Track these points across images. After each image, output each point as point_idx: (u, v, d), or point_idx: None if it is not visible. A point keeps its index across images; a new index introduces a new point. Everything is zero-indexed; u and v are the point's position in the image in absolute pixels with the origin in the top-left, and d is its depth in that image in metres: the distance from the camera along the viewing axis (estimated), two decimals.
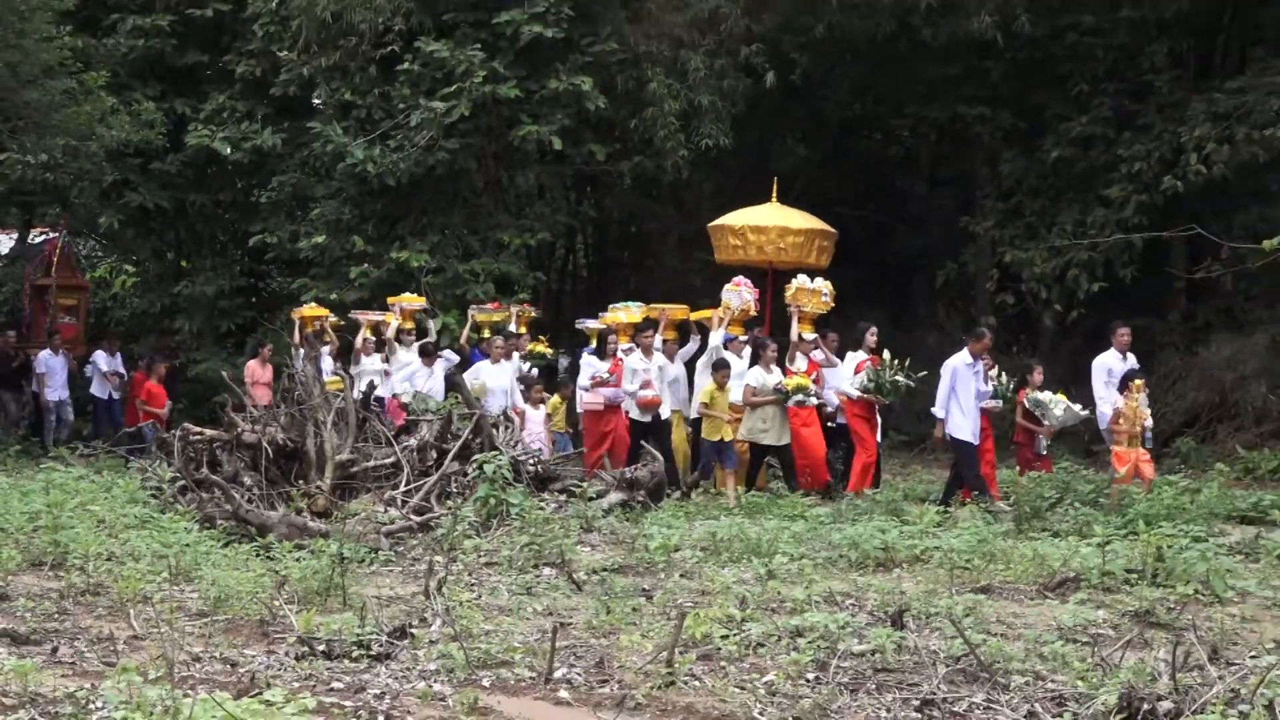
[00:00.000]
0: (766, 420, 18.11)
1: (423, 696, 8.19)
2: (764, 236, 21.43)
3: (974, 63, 28.30)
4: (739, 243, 21.62)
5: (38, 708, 7.55)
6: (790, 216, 21.94)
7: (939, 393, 17.45)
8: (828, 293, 19.92)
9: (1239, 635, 10.00)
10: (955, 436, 17.45)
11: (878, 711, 8.07)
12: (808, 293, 19.62)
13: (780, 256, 21.35)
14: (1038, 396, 17.55)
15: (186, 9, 28.91)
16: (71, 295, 27.63)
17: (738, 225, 21.83)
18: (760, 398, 18.09)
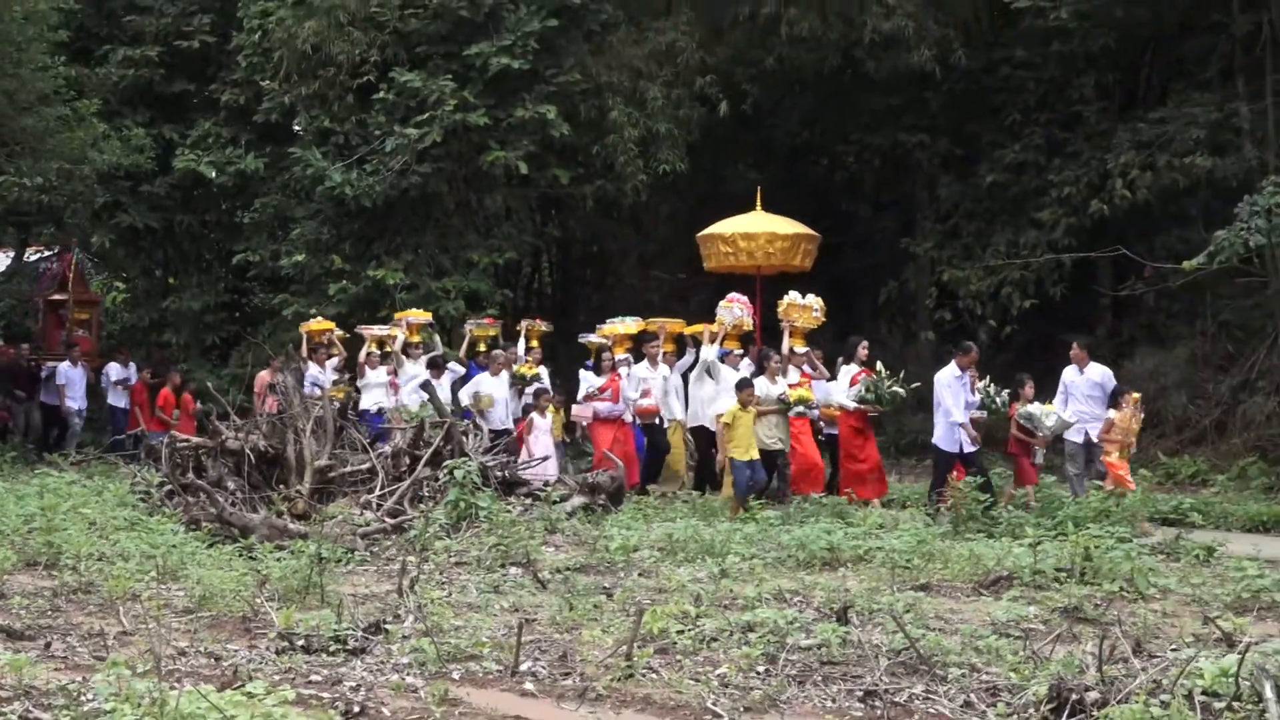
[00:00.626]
0: (772, 429, 17.93)
1: (396, 688, 8.18)
2: (753, 243, 21.28)
3: (914, 94, 28.38)
4: (729, 250, 21.42)
5: (32, 700, 7.54)
6: (776, 223, 21.77)
7: (947, 404, 17.23)
8: (818, 308, 19.89)
9: (1161, 630, 10.06)
10: (941, 448, 17.37)
11: (824, 702, 8.08)
12: (799, 308, 19.56)
13: (769, 261, 21.24)
14: (1029, 409, 17.29)
15: (174, 40, 28.92)
16: (85, 309, 27.55)
17: (728, 233, 21.63)
18: (765, 407, 17.84)
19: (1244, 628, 9.58)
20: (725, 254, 21.59)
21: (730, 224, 21.96)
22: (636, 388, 19.77)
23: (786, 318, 19.59)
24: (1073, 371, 18.12)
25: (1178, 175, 24.63)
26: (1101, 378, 18.00)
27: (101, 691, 7.20)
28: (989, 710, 7.82)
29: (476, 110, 25.13)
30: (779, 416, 17.96)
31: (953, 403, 17.15)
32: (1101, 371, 18.25)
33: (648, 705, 7.99)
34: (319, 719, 6.95)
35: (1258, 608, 11.26)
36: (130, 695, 6.75)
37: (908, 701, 8.05)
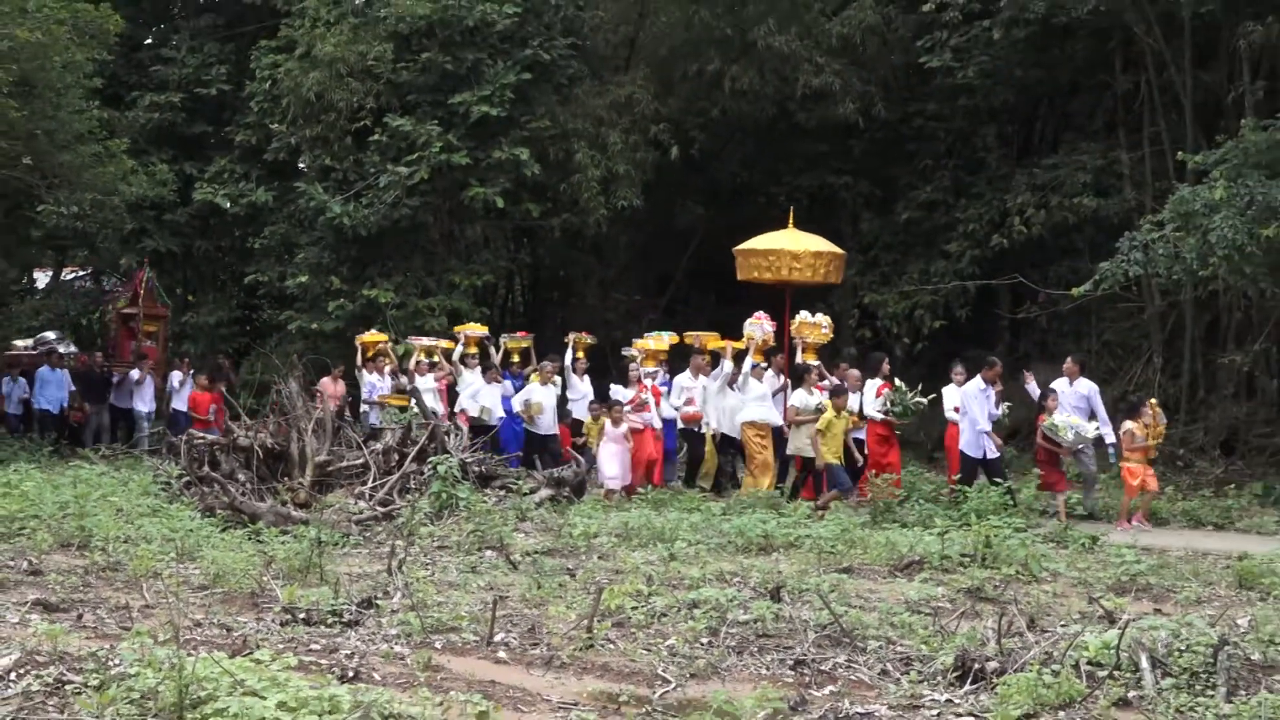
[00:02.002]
0: (809, 436, 17.30)
1: (386, 656, 8.16)
2: (789, 259, 20.34)
3: (840, 141, 28.44)
4: (764, 264, 20.52)
5: (66, 664, 7.49)
6: (808, 240, 20.87)
7: (974, 414, 16.86)
8: (827, 326, 19.70)
9: (1051, 608, 10.10)
10: (967, 454, 16.94)
11: (759, 670, 8.09)
12: (810, 326, 19.31)
13: (798, 276, 20.40)
14: (1053, 421, 16.74)
15: (194, 88, 28.92)
16: (153, 322, 27.29)
17: (763, 248, 20.79)
18: (803, 417, 17.45)
19: (1123, 607, 9.63)
20: (760, 267, 20.63)
21: (765, 239, 21.10)
22: (680, 396, 19.41)
23: (799, 335, 19.31)
24: (1064, 384, 17.82)
25: (1067, 214, 24.81)
26: (1089, 391, 17.80)
27: (127, 657, 7.17)
28: (903, 678, 7.83)
29: (459, 151, 25.10)
30: (813, 425, 17.28)
31: (979, 412, 16.86)
32: (1089, 386, 18.02)
33: (606, 672, 7.98)
34: (318, 683, 6.91)
35: (1135, 589, 11.33)
36: (152, 661, 6.72)
37: (832, 669, 8.07)
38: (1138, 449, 16.26)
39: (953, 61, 25.66)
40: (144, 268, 27.12)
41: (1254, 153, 19.93)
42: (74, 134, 24.63)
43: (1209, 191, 19.49)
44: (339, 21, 26.57)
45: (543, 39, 26.69)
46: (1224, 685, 7.29)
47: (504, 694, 7.37)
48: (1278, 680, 7.39)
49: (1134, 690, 7.29)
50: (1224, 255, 18.81)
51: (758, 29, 26.43)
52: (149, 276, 26.93)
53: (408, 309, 25.46)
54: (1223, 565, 12.69)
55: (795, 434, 17.56)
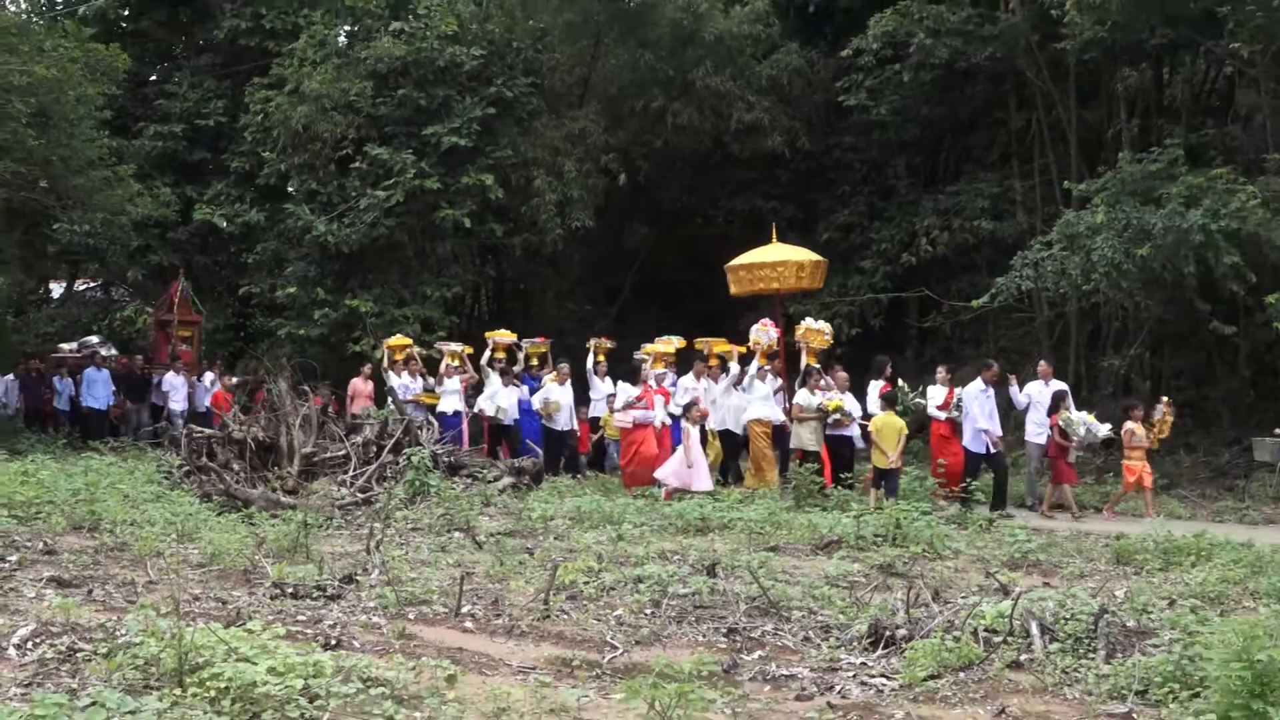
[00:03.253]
0: (812, 432, 17.01)
1: (365, 626, 8.14)
2: (775, 270, 19.96)
3: (768, 170, 28.52)
4: (749, 277, 20.11)
5: (77, 634, 7.45)
6: (792, 252, 20.47)
7: (974, 414, 16.37)
8: (828, 332, 19.38)
9: (953, 582, 10.16)
10: (970, 450, 16.48)
11: (696, 637, 8.10)
12: (813, 332, 18.92)
13: (786, 284, 20.07)
14: (1069, 417, 16.43)
15: (194, 120, 28.73)
16: (187, 328, 27.04)
17: (751, 262, 20.33)
18: (805, 414, 17.07)
19: (1016, 580, 9.69)
20: (750, 279, 20.21)
21: (754, 254, 20.68)
22: (685, 396, 19.00)
23: (804, 340, 18.92)
24: (1039, 385, 17.52)
25: (968, 235, 25.00)
26: (1060, 388, 17.43)
27: (132, 628, 7.11)
28: (823, 644, 7.86)
29: (431, 177, 25.05)
30: (818, 422, 17.05)
31: (979, 412, 16.42)
32: (1059, 385, 17.68)
33: (561, 640, 7.98)
34: (304, 650, 6.88)
35: (1026, 565, 11.41)
36: (155, 631, 6.67)
37: (760, 637, 8.09)
38: (1138, 447, 15.97)
39: (867, 100, 25.79)
40: (180, 279, 26.84)
41: (1130, 182, 20.12)
42: (86, 160, 24.58)
43: (1091, 216, 19.68)
44: (324, 61, 26.48)
45: (505, 78, 26.66)
46: (1104, 649, 7.35)
47: (470, 659, 7.35)
48: (1150, 644, 7.46)
49: (1025, 654, 7.34)
50: (1104, 272, 18.99)
51: (696, 70, 26.54)
52: (184, 286, 26.68)
53: (385, 317, 25.42)
54: (1103, 544, 12.80)
55: (798, 430, 17.21)
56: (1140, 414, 16.35)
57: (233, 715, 5.88)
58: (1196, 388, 21.91)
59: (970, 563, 11.38)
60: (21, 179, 23.93)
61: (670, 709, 5.54)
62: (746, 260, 20.46)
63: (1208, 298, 20.12)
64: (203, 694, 6.03)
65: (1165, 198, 19.27)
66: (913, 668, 7.04)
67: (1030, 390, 17.48)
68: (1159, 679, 6.67)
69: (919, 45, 24.38)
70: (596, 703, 6.44)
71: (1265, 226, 18.53)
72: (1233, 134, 22.92)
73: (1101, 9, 20.27)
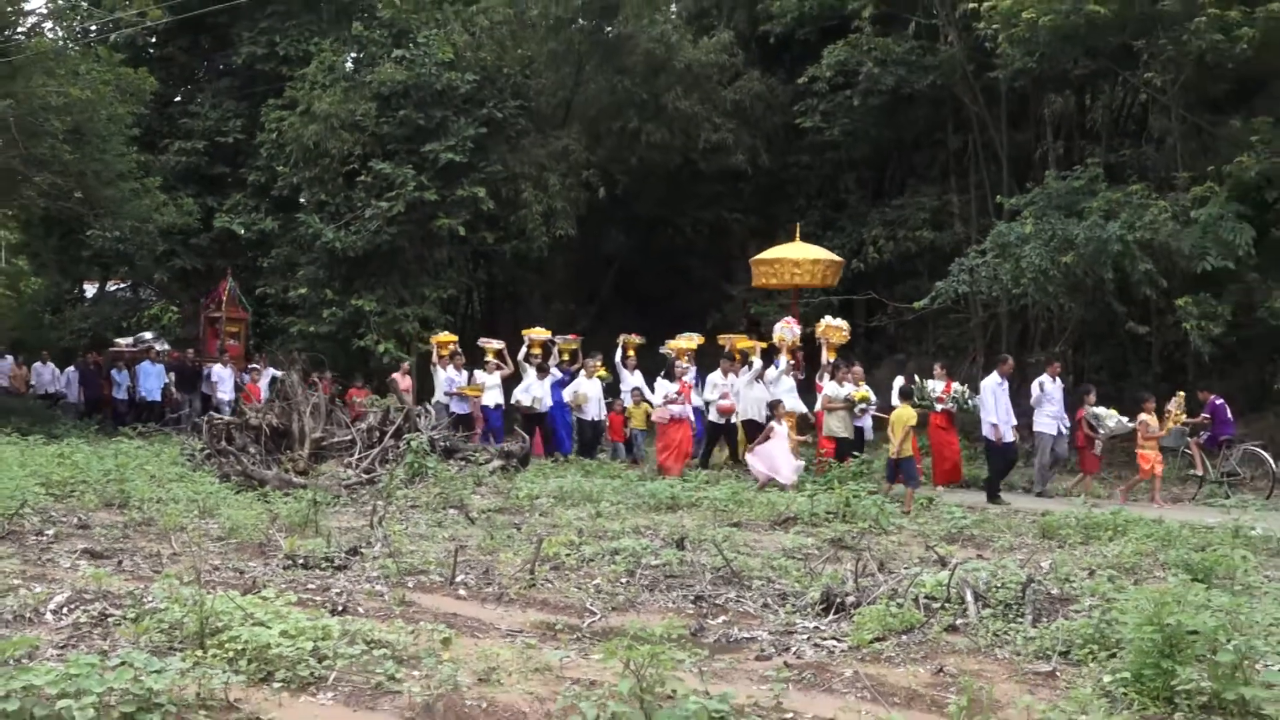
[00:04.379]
0: (840, 421, 16.58)
1: (368, 594, 8.14)
2: (792, 266, 19.63)
3: (732, 184, 28.53)
4: (771, 271, 19.77)
5: (108, 600, 7.45)
6: (811, 250, 20.10)
7: (990, 406, 15.91)
8: (846, 329, 18.88)
9: (897, 554, 10.20)
10: (989, 438, 16.07)
11: (667, 604, 8.12)
12: (833, 328, 18.53)
13: (804, 280, 19.58)
14: (1095, 411, 16.03)
15: (215, 137, 28.58)
16: (235, 324, 26.84)
17: (771, 258, 20.06)
18: (834, 405, 16.62)
19: (952, 553, 9.74)
20: (769, 274, 19.91)
21: (776, 251, 20.40)
22: (714, 391, 18.42)
23: (824, 336, 18.56)
24: (1049, 380, 16.85)
25: (910, 244, 25.07)
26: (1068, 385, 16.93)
27: (158, 595, 7.12)
28: (780, 609, 7.88)
29: (429, 190, 24.95)
30: (845, 411, 16.62)
31: (994, 404, 15.89)
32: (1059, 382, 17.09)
33: (545, 606, 7.99)
34: (313, 615, 6.87)
35: (962, 539, 11.48)
36: (178, 598, 6.67)
37: (724, 603, 8.10)
38: (1152, 438, 15.59)
39: (821, 122, 25.84)
40: (227, 279, 26.63)
41: (1055, 197, 20.23)
42: (116, 173, 24.54)
43: (1020, 227, 19.76)
44: (333, 85, 26.38)
45: (496, 101, 26.60)
46: (1030, 614, 7.40)
47: (463, 624, 7.35)
48: (1072, 610, 7.50)
49: (960, 619, 7.37)
50: (1032, 277, 19.08)
51: (668, 95, 26.52)
52: (231, 286, 26.48)
53: (387, 316, 25.35)
54: (1030, 521, 12.85)
55: (828, 419, 16.77)
56: (1152, 407, 16.02)
57: (249, 674, 5.89)
58: (1114, 381, 22.01)
59: (912, 537, 11.43)
60: (58, 190, 23.87)
61: (643, 668, 5.54)
62: (772, 255, 20.20)
63: (1124, 301, 20.26)
64: (222, 655, 6.04)
65: (1086, 211, 19.38)
66: (860, 631, 7.07)
67: (1042, 383, 16.96)
68: (1080, 641, 6.71)
69: (867, 73, 24.48)
70: (577, 662, 6.45)
71: (1175, 237, 18.66)
72: (1147, 154, 23.06)
73: (1030, 42, 20.35)
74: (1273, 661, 6.35)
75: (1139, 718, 5.57)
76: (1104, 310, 20.73)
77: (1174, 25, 19.10)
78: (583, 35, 26.92)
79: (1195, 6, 18.60)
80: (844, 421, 16.64)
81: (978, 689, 5.81)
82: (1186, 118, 21.27)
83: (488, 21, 27.62)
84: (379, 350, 24.85)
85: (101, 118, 23.68)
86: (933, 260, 24.18)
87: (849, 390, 16.67)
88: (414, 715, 5.56)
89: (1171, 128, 21.66)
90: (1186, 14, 18.70)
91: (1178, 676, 5.74)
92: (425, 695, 5.75)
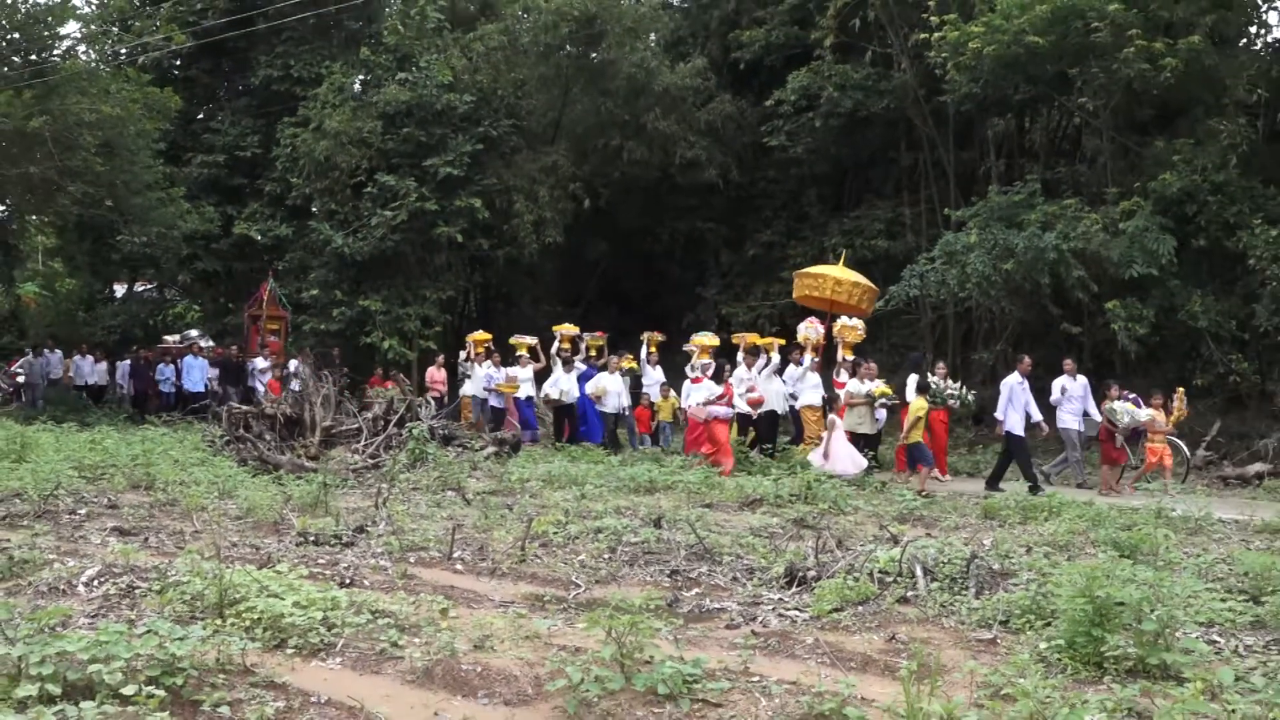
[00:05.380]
0: (861, 416, 16.02)
1: (373, 568, 8.11)
2: (833, 282, 18.59)
3: (705, 197, 28.46)
4: (813, 284, 18.78)
5: (135, 574, 7.41)
6: (853, 274, 19.20)
7: (999, 403, 15.53)
8: (862, 328, 18.24)
9: (854, 533, 10.20)
10: (1011, 432, 15.41)
11: (645, 577, 8.11)
12: (849, 328, 17.94)
13: (842, 299, 18.51)
14: (1113, 406, 15.44)
15: (234, 151, 28.51)
16: (275, 322, 26.46)
17: (815, 272, 19.22)
18: (856, 400, 16.06)
19: (904, 532, 9.75)
20: (811, 287, 18.88)
21: (820, 269, 19.60)
22: (741, 385, 17.79)
23: (840, 335, 18.00)
24: (1067, 379, 16.34)
25: (866, 251, 25.06)
26: (1085, 383, 16.36)
27: (181, 569, 7.09)
28: (748, 583, 7.88)
29: (429, 200, 24.90)
30: (866, 406, 16.07)
31: (1015, 400, 15.35)
32: (1084, 380, 16.44)
33: (534, 579, 7.97)
34: (323, 588, 6.85)
35: (912, 519, 11.49)
36: (200, 572, 6.64)
37: (697, 577, 8.10)
38: (1160, 431, 15.09)
39: (786, 141, 25.83)
40: (269, 280, 26.38)
41: (997, 210, 20.30)
42: (144, 184, 24.58)
43: (966, 237, 19.82)
44: (342, 105, 26.32)
45: (491, 120, 26.56)
46: (974, 587, 7.42)
47: (460, 595, 7.34)
48: (1011, 583, 7.53)
49: (911, 591, 7.39)
50: (976, 282, 19.14)
51: (647, 115, 26.50)
52: (272, 286, 26.24)
53: (391, 315, 25.31)
54: (974, 503, 12.90)
55: (850, 414, 16.17)
56: (1160, 403, 15.62)
57: (264, 641, 5.88)
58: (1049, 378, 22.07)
59: (867, 518, 11.44)
60: (90, 198, 23.81)
61: (624, 636, 5.55)
62: (817, 270, 19.67)
63: (1059, 303, 20.36)
64: (239, 623, 6.03)
65: (1026, 223, 19.46)
66: (820, 602, 7.07)
67: (1062, 383, 16.41)
68: (1018, 611, 6.74)
69: (828, 97, 24.51)
70: (564, 631, 6.44)
71: (1105, 247, 18.77)
72: (1080, 172, 23.16)
73: (975, 69, 20.42)
74: (1191, 630, 6.40)
75: (1071, 681, 5.59)
76: (1041, 312, 20.81)
77: (1105, 55, 19.20)
78: (570, 61, 26.87)
79: (1124, 38, 18.70)
80: (864, 416, 16.23)
81: (926, 655, 5.83)
82: (1116, 139, 21.39)
83: (483, 48, 27.59)
84: (384, 346, 24.83)
85: (130, 133, 23.64)
86: (886, 267, 24.19)
87: (870, 386, 16.29)
88: (415, 678, 5.55)
89: (1102, 148, 21.78)
90: (1116, 45, 18.81)
91: (1106, 643, 5.78)
92: (425, 660, 5.74)
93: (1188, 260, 19.24)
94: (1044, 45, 19.35)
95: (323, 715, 5.01)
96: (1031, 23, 19.29)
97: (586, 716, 5.02)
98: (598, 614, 5.83)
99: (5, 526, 9.61)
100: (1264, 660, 5.93)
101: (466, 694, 5.37)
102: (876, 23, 24.80)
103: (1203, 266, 19.60)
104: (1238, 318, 19.23)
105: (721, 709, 5.12)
